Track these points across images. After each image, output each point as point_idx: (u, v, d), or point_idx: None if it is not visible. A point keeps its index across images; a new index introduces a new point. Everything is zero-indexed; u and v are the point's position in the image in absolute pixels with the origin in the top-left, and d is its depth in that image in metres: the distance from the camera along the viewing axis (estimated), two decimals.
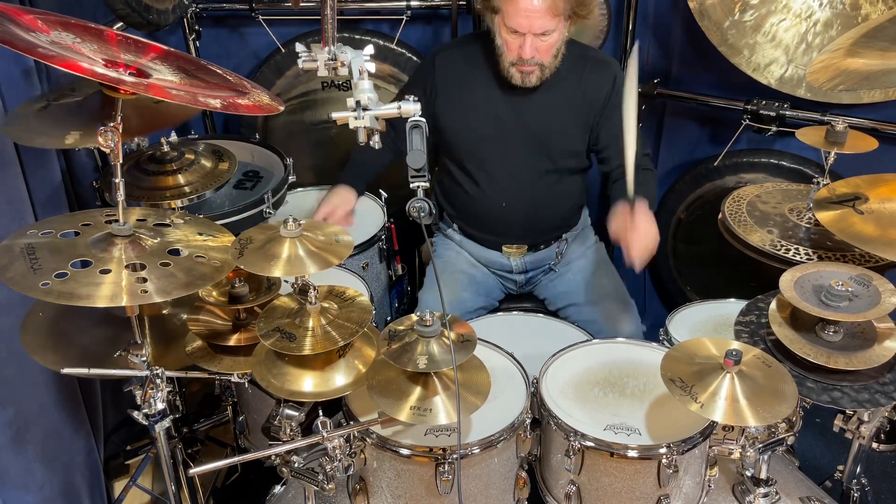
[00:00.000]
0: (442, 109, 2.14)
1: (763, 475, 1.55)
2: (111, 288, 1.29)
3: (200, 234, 1.53)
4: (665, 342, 1.83)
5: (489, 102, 2.10)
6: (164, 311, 1.72)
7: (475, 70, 2.11)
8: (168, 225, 1.53)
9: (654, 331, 1.91)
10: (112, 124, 1.33)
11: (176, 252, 1.43)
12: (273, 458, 1.49)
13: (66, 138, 1.56)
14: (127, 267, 1.34)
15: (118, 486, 2.17)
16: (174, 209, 1.88)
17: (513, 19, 1.89)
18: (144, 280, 1.32)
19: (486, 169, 2.15)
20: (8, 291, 1.67)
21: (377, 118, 1.48)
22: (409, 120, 1.48)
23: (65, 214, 1.70)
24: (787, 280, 1.57)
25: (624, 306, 2.15)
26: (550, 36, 1.92)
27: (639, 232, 1.78)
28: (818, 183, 1.88)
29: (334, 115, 1.47)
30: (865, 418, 1.71)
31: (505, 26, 1.92)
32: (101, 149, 1.34)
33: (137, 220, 1.51)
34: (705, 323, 1.92)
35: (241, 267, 1.42)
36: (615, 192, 2.05)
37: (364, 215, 2.37)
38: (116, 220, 1.41)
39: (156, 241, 1.43)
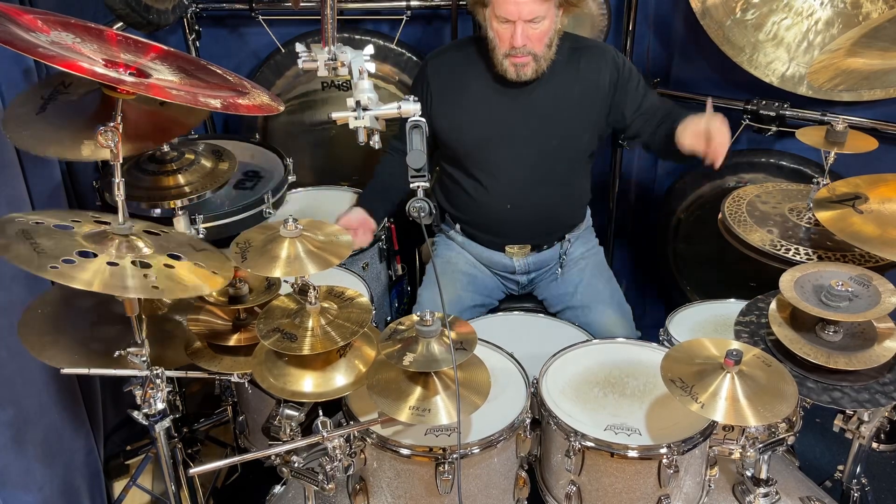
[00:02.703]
0: (439, 115, 2.12)
1: (763, 475, 1.55)
2: (110, 277, 1.26)
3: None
4: (665, 342, 1.83)
5: (488, 104, 2.08)
6: (163, 311, 1.71)
7: (471, 72, 2.09)
8: (158, 235, 1.50)
9: (654, 331, 1.90)
10: (112, 124, 1.33)
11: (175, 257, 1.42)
12: (273, 458, 1.49)
13: (82, 149, 1.54)
14: (132, 263, 1.33)
15: (118, 486, 2.17)
16: (174, 209, 1.88)
17: (501, 7, 1.89)
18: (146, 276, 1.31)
19: (490, 171, 2.12)
20: (8, 292, 1.68)
21: (377, 118, 1.48)
22: (409, 120, 1.48)
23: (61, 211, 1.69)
24: (787, 280, 1.57)
25: (619, 312, 2.15)
26: (541, 23, 1.91)
27: (718, 129, 1.84)
28: (818, 183, 1.88)
29: (334, 115, 1.47)
30: (865, 418, 1.71)
31: (495, 17, 1.93)
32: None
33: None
34: (705, 323, 1.92)
35: (248, 270, 1.42)
36: (676, 120, 2.02)
37: None
38: (107, 223, 1.40)
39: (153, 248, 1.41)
